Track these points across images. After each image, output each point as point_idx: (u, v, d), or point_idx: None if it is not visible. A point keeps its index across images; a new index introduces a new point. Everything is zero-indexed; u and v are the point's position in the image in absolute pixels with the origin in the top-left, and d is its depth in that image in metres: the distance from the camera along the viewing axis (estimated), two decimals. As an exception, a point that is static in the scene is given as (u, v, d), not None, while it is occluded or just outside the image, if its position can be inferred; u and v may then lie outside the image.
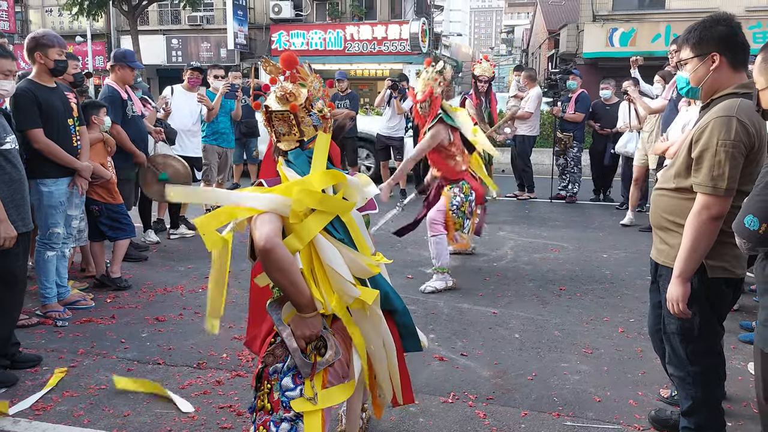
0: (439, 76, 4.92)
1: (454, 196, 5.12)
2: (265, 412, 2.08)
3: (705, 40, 2.45)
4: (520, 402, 3.22)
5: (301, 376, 2.05)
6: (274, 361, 2.10)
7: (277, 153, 2.23)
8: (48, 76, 4.15)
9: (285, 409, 2.04)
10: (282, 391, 2.05)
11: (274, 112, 2.15)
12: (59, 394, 3.25)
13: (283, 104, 2.14)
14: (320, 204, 2.05)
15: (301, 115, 2.16)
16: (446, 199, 5.11)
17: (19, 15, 29.03)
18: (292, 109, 2.13)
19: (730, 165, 2.30)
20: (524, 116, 9.14)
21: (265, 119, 2.21)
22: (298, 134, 2.19)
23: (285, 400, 2.04)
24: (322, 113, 2.21)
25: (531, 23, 42.35)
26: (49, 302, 4.28)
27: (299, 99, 2.14)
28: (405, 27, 24.57)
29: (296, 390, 2.04)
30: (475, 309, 4.61)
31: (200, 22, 27.52)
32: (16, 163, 3.52)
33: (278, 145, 2.21)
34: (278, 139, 2.21)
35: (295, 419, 2.04)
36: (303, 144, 2.20)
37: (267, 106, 2.17)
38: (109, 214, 4.89)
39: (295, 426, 2.04)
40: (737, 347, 3.91)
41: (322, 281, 2.06)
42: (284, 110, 2.14)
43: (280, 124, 2.18)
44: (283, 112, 2.14)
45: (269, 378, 2.09)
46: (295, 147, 2.20)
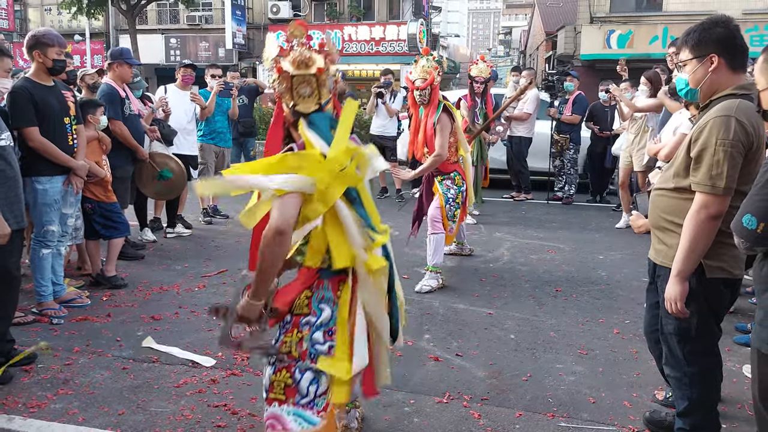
0: (438, 65, 4.95)
1: (447, 189, 5.16)
2: (291, 358, 2.19)
3: (704, 41, 2.46)
4: (515, 402, 3.22)
5: (331, 333, 2.20)
6: (307, 314, 2.22)
7: (297, 116, 2.29)
8: (46, 75, 4.14)
9: (312, 359, 2.18)
10: (312, 343, 2.19)
11: (296, 76, 2.23)
12: (54, 392, 3.24)
13: (303, 69, 2.22)
14: (342, 181, 2.18)
15: (323, 78, 2.26)
16: (440, 195, 5.15)
17: (18, 13, 29.01)
18: (318, 72, 2.23)
19: (728, 164, 2.31)
20: (522, 117, 9.14)
21: (285, 83, 2.26)
22: (317, 96, 2.27)
23: (313, 352, 2.18)
24: (335, 77, 2.33)
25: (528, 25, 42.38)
26: (44, 300, 4.27)
27: (319, 64, 2.24)
28: (403, 28, 24.61)
29: (325, 345, 2.19)
30: (470, 309, 4.61)
31: (199, 22, 27.53)
32: (11, 161, 3.51)
33: (297, 108, 2.27)
34: (296, 102, 2.27)
35: (319, 372, 2.18)
36: (322, 106, 2.29)
37: (287, 71, 2.24)
38: (102, 212, 4.88)
39: (318, 378, 2.19)
40: (732, 349, 3.92)
41: (339, 240, 2.20)
42: (310, 73, 2.23)
43: (303, 86, 2.25)
44: (307, 75, 2.23)
45: (300, 327, 2.21)
46: (315, 109, 2.28)
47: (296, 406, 2.18)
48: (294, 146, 2.24)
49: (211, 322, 4.25)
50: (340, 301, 2.25)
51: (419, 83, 4.95)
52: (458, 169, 5.25)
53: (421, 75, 4.96)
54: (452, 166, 5.20)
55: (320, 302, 2.24)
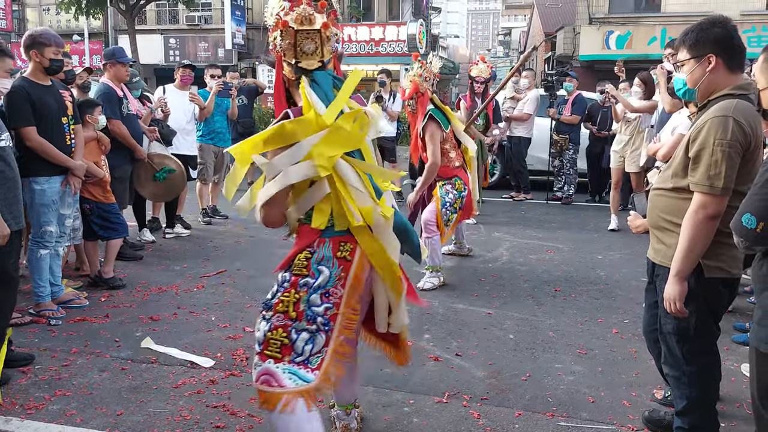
0: (425, 71, 4.91)
1: (446, 193, 5.13)
2: (287, 317, 2.25)
3: (701, 41, 2.47)
4: (514, 402, 3.22)
5: (328, 294, 2.26)
6: (306, 275, 2.27)
7: (299, 73, 2.29)
8: (43, 75, 4.14)
9: (309, 321, 2.24)
10: (308, 305, 2.24)
11: (301, 32, 2.24)
12: (52, 393, 3.24)
13: (307, 24, 2.25)
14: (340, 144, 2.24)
15: (327, 35, 2.28)
16: (437, 199, 5.10)
17: (17, 13, 28.98)
18: (323, 27, 2.25)
19: (726, 164, 2.31)
20: (522, 117, 9.16)
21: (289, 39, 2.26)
22: (320, 53, 2.28)
23: (310, 314, 2.24)
24: (337, 36, 2.34)
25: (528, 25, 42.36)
26: (42, 301, 4.26)
27: (323, 19, 2.27)
28: (402, 28, 24.61)
29: (321, 307, 2.25)
30: (470, 309, 4.61)
31: (198, 22, 27.52)
32: (10, 161, 3.50)
33: (300, 65, 2.28)
34: (299, 59, 2.28)
35: (315, 332, 2.25)
36: (324, 64, 2.31)
37: (291, 27, 2.25)
38: (100, 213, 4.87)
39: (314, 338, 2.25)
40: (731, 348, 3.92)
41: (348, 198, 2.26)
42: (315, 29, 2.25)
43: (307, 42, 2.26)
44: (312, 31, 2.25)
45: (298, 288, 2.26)
46: (317, 66, 2.29)
47: (291, 363, 2.25)
48: (289, 111, 2.27)
49: (209, 323, 4.24)
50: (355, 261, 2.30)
51: (407, 93, 4.99)
52: (460, 174, 5.21)
53: (406, 85, 5.00)
54: (454, 170, 5.17)
55: (319, 263, 2.28)
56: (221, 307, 4.54)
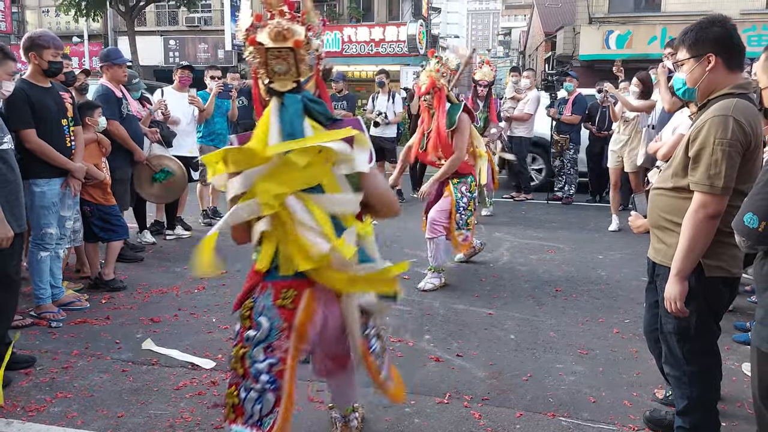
0: (442, 67, 4.92)
1: (461, 196, 5.09)
2: (237, 374, 2.11)
3: (701, 41, 2.47)
4: (516, 402, 3.22)
5: (271, 349, 2.07)
6: (249, 326, 2.12)
7: (270, 95, 2.09)
8: (42, 77, 4.13)
9: (253, 379, 2.08)
10: (252, 361, 2.08)
11: (271, 49, 2.00)
12: (53, 395, 3.24)
13: (280, 41, 1.99)
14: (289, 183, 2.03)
15: (302, 53, 2.03)
16: (452, 199, 5.07)
17: (16, 15, 28.98)
18: (295, 44, 1.99)
19: (726, 164, 2.31)
20: (523, 118, 9.16)
21: (260, 58, 2.04)
22: (295, 73, 2.05)
23: (254, 371, 2.08)
24: (318, 52, 2.12)
25: (528, 25, 42.38)
26: (43, 303, 4.26)
27: (297, 36, 2.01)
28: (402, 29, 24.61)
29: (264, 363, 2.07)
30: (470, 310, 4.61)
31: (198, 23, 27.52)
32: (12, 164, 3.51)
33: (272, 86, 2.07)
34: (272, 79, 2.06)
35: (262, 392, 2.08)
36: (300, 85, 2.08)
37: (262, 43, 2.01)
38: (100, 215, 4.87)
39: (262, 398, 2.08)
40: (732, 348, 3.92)
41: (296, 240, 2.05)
42: (286, 47, 2.00)
43: (278, 62, 2.02)
44: (283, 49, 2.00)
45: (243, 342, 2.11)
46: (292, 88, 2.07)
47: (245, 425, 2.11)
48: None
49: (210, 324, 4.24)
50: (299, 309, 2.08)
51: (423, 89, 4.98)
52: (473, 172, 5.23)
53: (423, 80, 4.99)
54: (469, 167, 5.20)
55: (260, 314, 2.11)
56: (222, 309, 4.54)
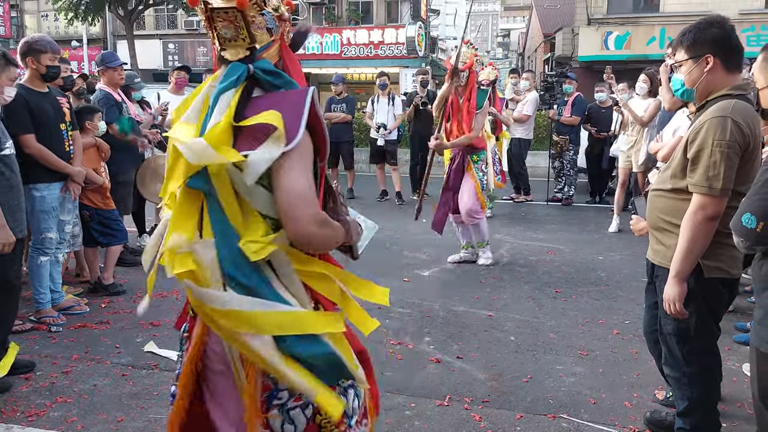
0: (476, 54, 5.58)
1: (483, 175, 5.75)
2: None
3: (699, 42, 2.47)
4: (516, 404, 3.22)
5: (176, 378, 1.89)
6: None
7: (221, 63, 1.74)
8: (40, 81, 4.13)
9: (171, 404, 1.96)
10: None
11: (215, 10, 1.66)
12: (53, 400, 3.24)
13: (226, 0, 1.65)
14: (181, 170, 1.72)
15: (251, 15, 1.67)
16: (475, 181, 5.64)
17: (15, 20, 28.97)
18: (239, 5, 1.63)
19: (725, 165, 2.31)
20: (522, 119, 9.17)
21: (206, 20, 1.72)
22: (247, 39, 1.69)
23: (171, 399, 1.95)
24: (278, 13, 1.74)
25: (527, 27, 42.43)
26: (43, 308, 4.26)
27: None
28: (401, 31, 24.60)
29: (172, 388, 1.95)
30: (470, 312, 4.60)
31: (197, 27, 27.45)
32: (14, 169, 3.51)
33: (222, 53, 1.73)
34: (223, 46, 1.72)
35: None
36: (254, 53, 1.70)
37: (206, 2, 1.67)
38: (100, 219, 4.86)
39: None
40: (732, 348, 3.91)
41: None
42: (229, 7, 1.65)
43: (224, 26, 1.68)
44: (227, 9, 1.65)
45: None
46: (244, 57, 1.70)
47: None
48: None
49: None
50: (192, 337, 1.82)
51: (460, 66, 5.44)
52: (486, 147, 5.91)
53: (462, 59, 5.48)
54: (483, 142, 5.85)
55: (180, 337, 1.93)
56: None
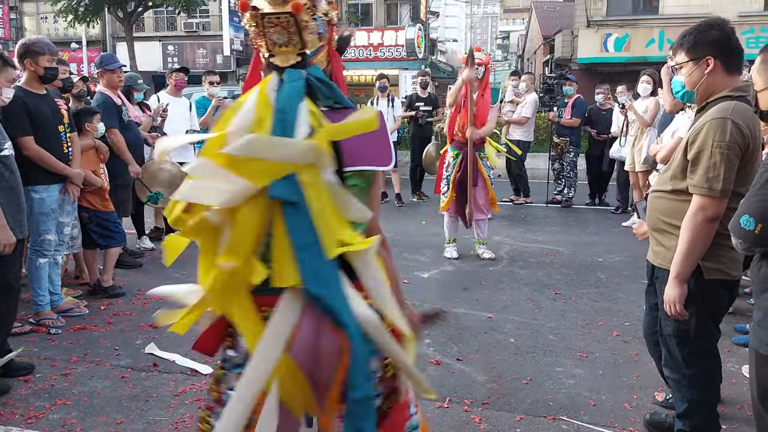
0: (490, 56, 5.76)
1: (488, 170, 6.05)
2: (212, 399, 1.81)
3: (699, 44, 2.47)
4: (516, 406, 3.21)
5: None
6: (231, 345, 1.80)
7: (270, 69, 1.73)
8: (38, 83, 4.13)
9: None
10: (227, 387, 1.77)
11: (268, 15, 1.65)
12: (52, 402, 3.23)
13: (278, 5, 1.64)
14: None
15: (305, 19, 1.66)
16: (486, 179, 5.94)
17: (14, 22, 28.99)
18: (294, 9, 1.63)
19: (725, 166, 2.31)
20: (521, 121, 9.18)
21: (255, 26, 1.70)
22: (299, 44, 1.69)
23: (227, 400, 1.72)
24: (328, 17, 1.74)
25: (526, 29, 42.47)
26: (42, 310, 4.25)
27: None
28: (401, 33, 24.66)
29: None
30: (470, 313, 4.60)
31: (196, 29, 27.55)
32: (14, 170, 3.51)
33: (272, 60, 1.71)
34: (272, 52, 1.70)
35: None
36: (305, 58, 1.71)
37: (256, 8, 1.66)
38: (99, 221, 4.86)
39: None
40: (731, 350, 3.91)
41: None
42: (283, 12, 1.64)
43: (276, 31, 1.67)
44: (280, 14, 1.64)
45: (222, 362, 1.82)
46: (296, 63, 1.70)
47: None
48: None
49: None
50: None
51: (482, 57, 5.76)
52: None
53: (481, 55, 5.77)
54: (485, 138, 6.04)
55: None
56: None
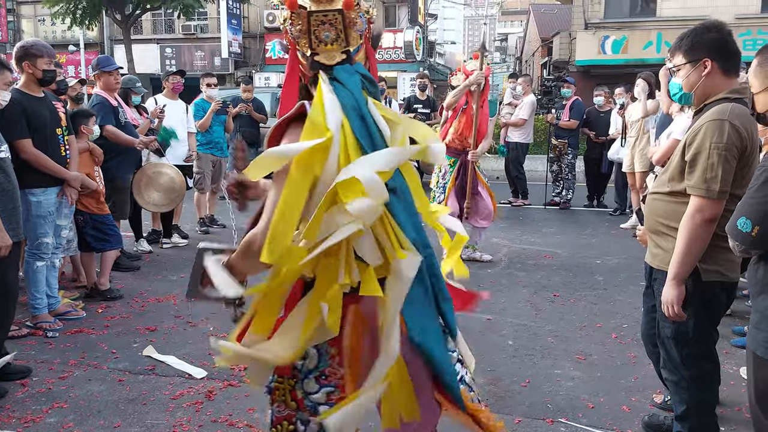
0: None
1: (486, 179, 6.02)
2: (288, 407, 1.82)
3: (697, 46, 2.48)
4: (514, 409, 3.21)
5: (324, 376, 1.78)
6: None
7: (317, 68, 1.73)
8: (36, 86, 4.13)
9: (311, 413, 1.79)
10: (304, 393, 1.79)
11: (315, 13, 1.68)
12: (49, 405, 3.22)
13: (326, 2, 1.68)
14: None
15: (352, 16, 1.70)
16: (485, 185, 5.91)
17: (12, 24, 28.97)
18: (346, 6, 1.66)
19: (722, 168, 2.31)
20: (518, 123, 9.20)
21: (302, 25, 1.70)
22: (344, 42, 1.72)
23: (310, 404, 1.79)
24: (369, 15, 1.77)
25: (524, 31, 42.54)
26: (39, 313, 4.24)
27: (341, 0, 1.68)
28: (399, 35, 24.67)
29: (320, 393, 1.78)
30: (468, 315, 4.59)
31: (194, 31, 27.54)
32: (10, 173, 3.51)
33: (317, 59, 1.73)
34: (315, 50, 1.72)
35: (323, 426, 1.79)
36: (350, 56, 1.74)
37: (304, 6, 1.68)
38: (94, 224, 4.84)
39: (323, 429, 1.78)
40: (730, 352, 3.91)
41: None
42: (333, 9, 1.67)
43: (325, 29, 1.69)
44: (329, 11, 1.67)
45: (291, 373, 1.81)
46: (341, 60, 1.73)
47: None
48: (306, 104, 1.71)
49: (207, 333, 4.23)
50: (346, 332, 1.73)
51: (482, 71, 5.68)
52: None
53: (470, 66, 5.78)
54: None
55: None
56: (219, 317, 4.52)
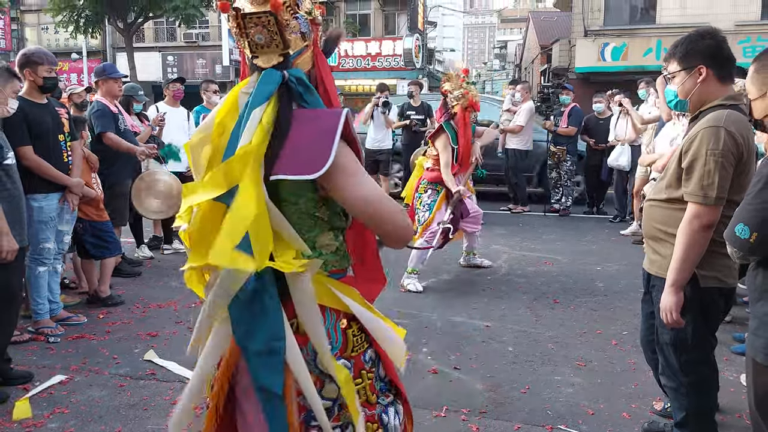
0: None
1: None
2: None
3: (691, 53, 2.50)
4: (513, 415, 3.21)
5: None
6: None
7: (253, 70, 1.69)
8: (38, 93, 4.16)
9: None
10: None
11: (248, 15, 1.60)
12: (50, 410, 3.23)
13: (258, 4, 1.60)
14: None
15: (285, 18, 1.61)
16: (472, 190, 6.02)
17: (15, 33, 29.13)
18: (273, 7, 1.57)
19: (719, 174, 2.33)
20: (515, 130, 9.21)
21: (237, 27, 1.65)
22: (281, 45, 1.63)
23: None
24: (311, 16, 1.67)
25: (524, 38, 42.68)
26: (41, 318, 4.25)
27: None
28: (399, 43, 24.78)
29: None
30: (468, 322, 4.61)
31: (195, 39, 27.68)
32: (16, 179, 3.53)
33: (255, 61, 1.66)
34: (255, 53, 1.65)
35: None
36: (288, 59, 1.64)
37: (237, 9, 1.61)
38: (93, 231, 4.83)
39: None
40: (730, 359, 3.92)
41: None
42: (263, 11, 1.59)
43: (257, 31, 1.61)
44: (260, 14, 1.59)
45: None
46: (278, 63, 1.64)
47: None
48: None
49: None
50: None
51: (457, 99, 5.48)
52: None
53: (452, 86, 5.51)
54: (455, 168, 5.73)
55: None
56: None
